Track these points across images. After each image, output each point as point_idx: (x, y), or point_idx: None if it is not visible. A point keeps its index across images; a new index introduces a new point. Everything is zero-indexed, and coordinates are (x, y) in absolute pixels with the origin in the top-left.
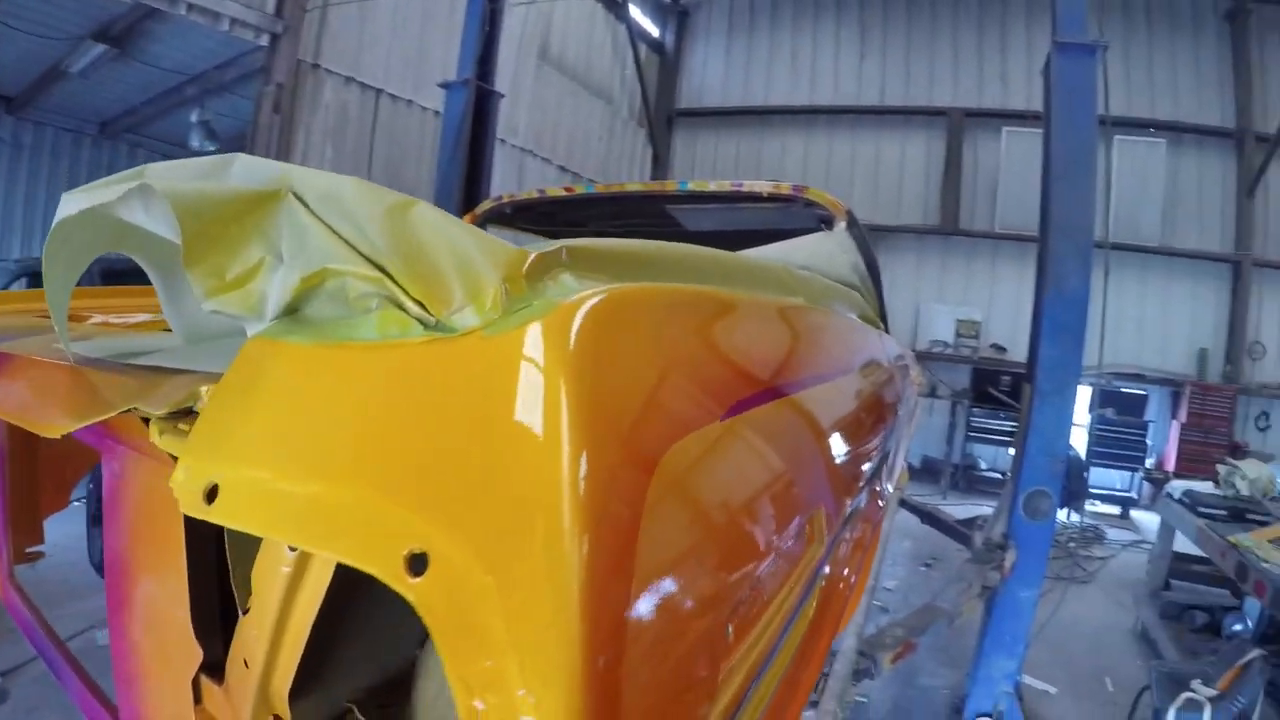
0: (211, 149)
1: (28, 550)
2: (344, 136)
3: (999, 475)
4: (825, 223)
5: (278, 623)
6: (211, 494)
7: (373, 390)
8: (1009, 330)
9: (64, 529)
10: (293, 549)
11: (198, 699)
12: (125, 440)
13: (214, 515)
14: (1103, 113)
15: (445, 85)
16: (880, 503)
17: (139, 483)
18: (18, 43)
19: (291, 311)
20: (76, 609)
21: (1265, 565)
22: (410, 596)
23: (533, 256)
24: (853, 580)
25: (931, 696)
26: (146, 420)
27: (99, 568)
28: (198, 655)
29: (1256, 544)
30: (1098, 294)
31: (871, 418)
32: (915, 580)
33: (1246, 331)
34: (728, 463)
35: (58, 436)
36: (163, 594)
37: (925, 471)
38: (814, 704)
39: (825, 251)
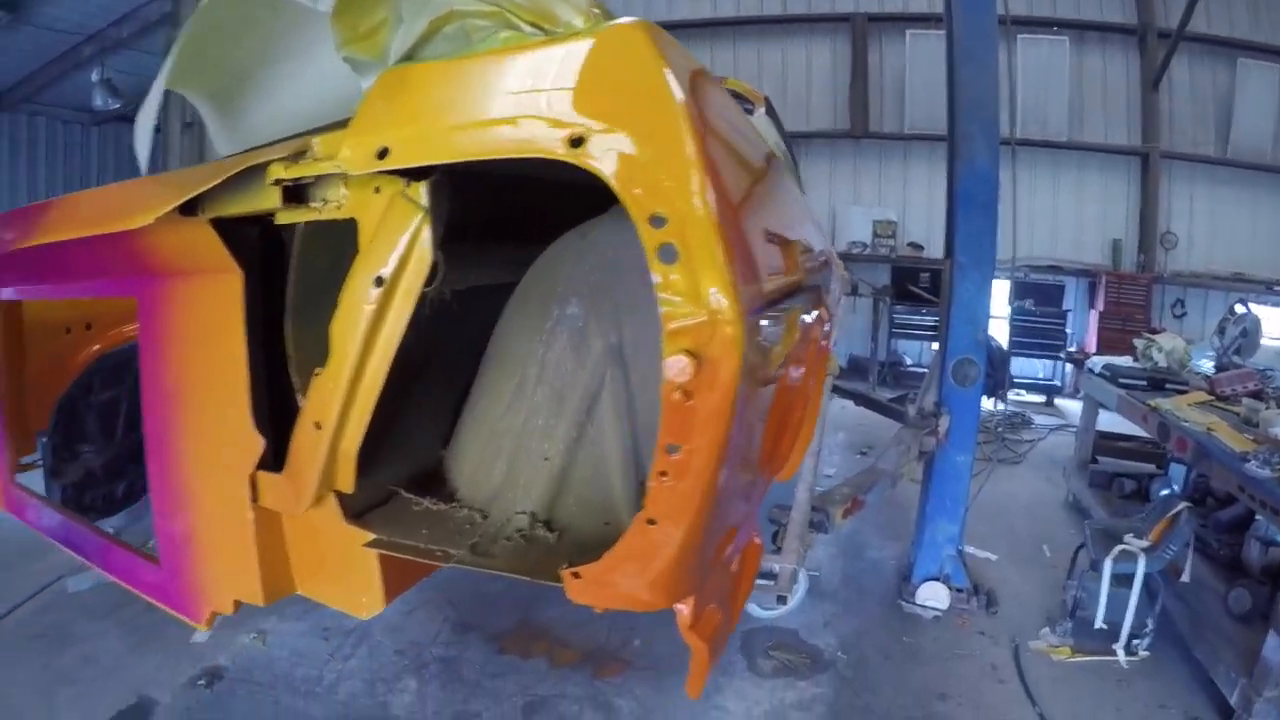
0: (116, 107)
1: (22, 460)
2: None
3: (924, 370)
4: (746, 110)
5: (356, 370)
6: (382, 154)
7: (513, 65)
8: (924, 229)
9: None
10: (378, 284)
11: (254, 497)
12: (183, 265)
13: (388, 164)
14: (1004, 12)
15: None
16: (825, 340)
17: (196, 298)
18: None
19: (407, 59)
20: (43, 565)
21: (1185, 424)
22: (575, 160)
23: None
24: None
25: (880, 567)
26: (220, 221)
27: None
28: (259, 445)
29: (1176, 407)
30: (1007, 189)
31: (815, 242)
32: (852, 466)
33: (1158, 222)
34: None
35: (149, 221)
36: (216, 401)
37: (853, 370)
38: (777, 550)
39: None
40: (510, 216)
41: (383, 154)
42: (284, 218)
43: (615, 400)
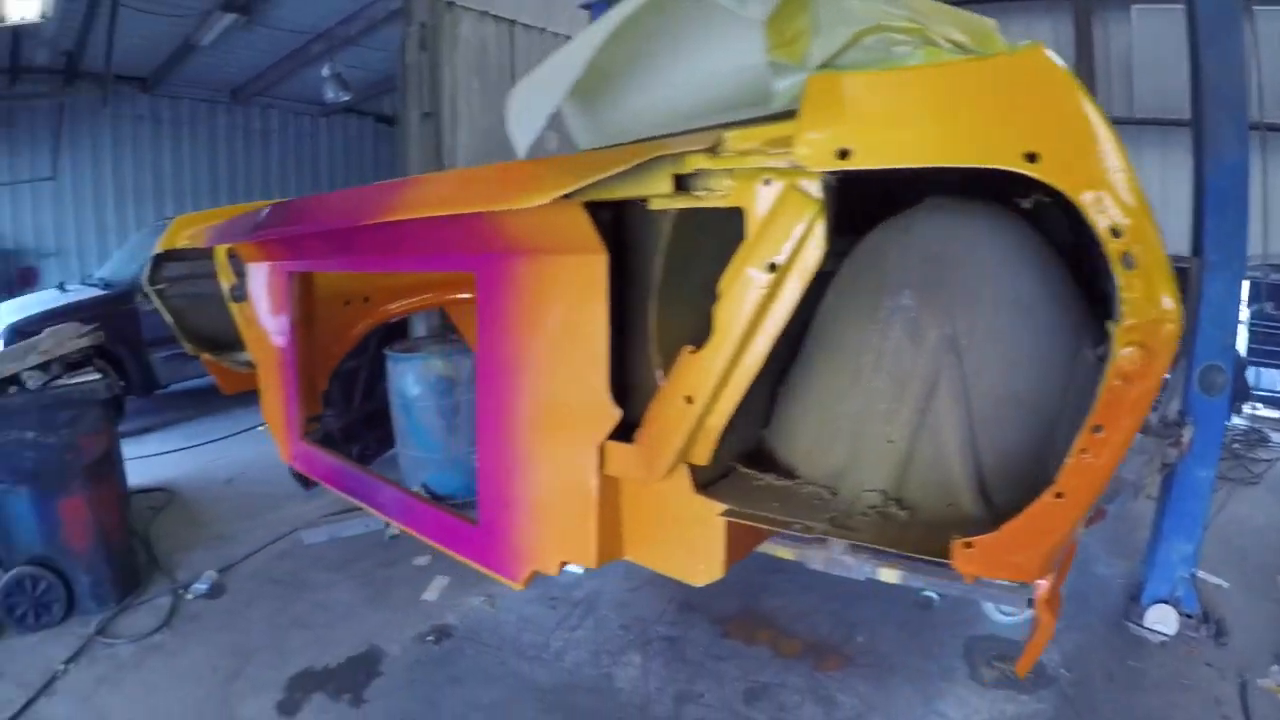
0: (345, 99)
1: (308, 419)
2: (486, 70)
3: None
4: None
5: (737, 350)
6: (843, 154)
7: (966, 80)
8: (1158, 221)
9: (257, 449)
10: (771, 269)
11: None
12: (544, 244)
13: (849, 164)
14: None
15: (588, 5)
16: None
17: (558, 275)
18: (147, 25)
19: (824, 66)
20: (279, 517)
21: None
22: (1031, 172)
23: (992, 22)
24: None
25: (1107, 584)
26: (602, 205)
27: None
28: (614, 416)
29: None
30: (1254, 178)
31: None
32: None
33: None
34: None
35: (545, 201)
36: (571, 373)
37: None
38: None
39: None
40: None
41: (843, 154)
42: (660, 204)
43: (952, 388)
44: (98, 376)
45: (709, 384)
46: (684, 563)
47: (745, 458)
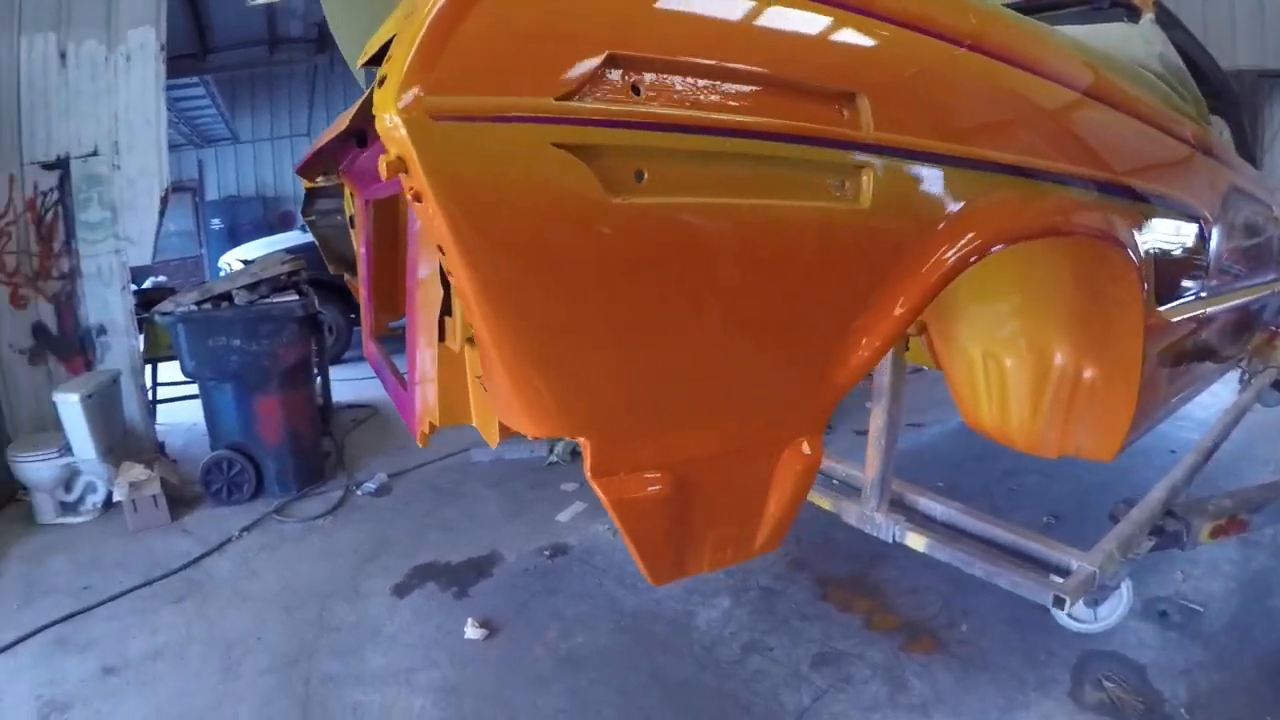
0: None
1: (389, 324)
2: None
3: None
4: (1132, 17)
5: None
6: None
7: None
8: None
9: None
10: None
11: (441, 336)
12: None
13: None
14: None
15: None
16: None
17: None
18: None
19: None
20: (460, 435)
21: None
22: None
23: None
24: None
25: None
26: None
27: None
28: (439, 292)
29: None
30: None
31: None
32: None
33: None
34: None
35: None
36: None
37: None
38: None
39: (1120, 35)
40: None
41: None
42: None
43: None
44: (296, 298)
45: None
46: (485, 426)
47: None
